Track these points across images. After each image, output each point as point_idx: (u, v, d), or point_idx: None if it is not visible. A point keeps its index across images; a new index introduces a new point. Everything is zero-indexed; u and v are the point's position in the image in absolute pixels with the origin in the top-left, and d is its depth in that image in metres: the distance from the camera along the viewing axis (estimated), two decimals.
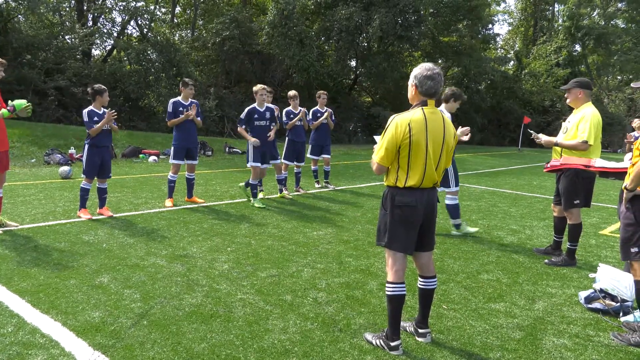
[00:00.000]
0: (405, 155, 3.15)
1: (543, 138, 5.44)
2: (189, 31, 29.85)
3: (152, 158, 13.94)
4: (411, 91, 3.26)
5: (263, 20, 24.77)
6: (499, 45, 41.54)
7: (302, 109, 9.13)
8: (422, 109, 3.19)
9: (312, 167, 10.17)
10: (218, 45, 25.16)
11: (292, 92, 9.18)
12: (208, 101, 22.72)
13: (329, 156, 9.99)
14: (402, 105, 29.77)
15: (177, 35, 30.09)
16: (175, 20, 30.65)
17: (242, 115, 7.65)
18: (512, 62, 35.62)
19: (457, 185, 6.38)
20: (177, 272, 4.60)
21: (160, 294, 4.08)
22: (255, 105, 7.72)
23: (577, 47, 37.56)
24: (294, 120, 9.02)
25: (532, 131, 5.86)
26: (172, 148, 7.50)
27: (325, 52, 28.70)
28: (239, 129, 7.67)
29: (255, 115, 7.64)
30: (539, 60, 33.58)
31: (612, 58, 36.79)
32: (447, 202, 6.42)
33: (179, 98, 7.53)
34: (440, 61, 32.40)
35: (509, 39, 42.79)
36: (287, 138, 9.25)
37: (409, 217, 3.22)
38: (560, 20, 40.59)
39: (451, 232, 6.56)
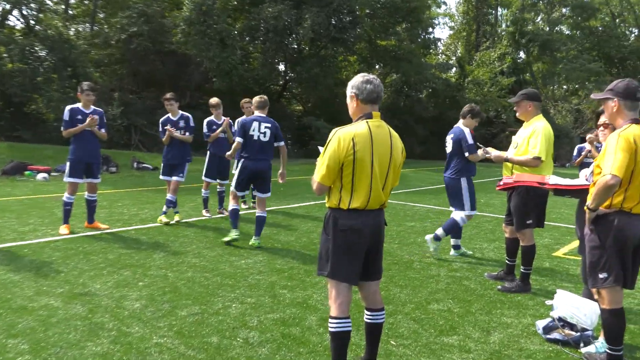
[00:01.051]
0: (349, 173, 3.21)
1: (493, 153, 5.72)
2: (87, 25, 28.84)
3: (41, 175, 13.28)
4: (352, 104, 3.35)
5: (178, 16, 24.44)
6: (440, 51, 43.45)
7: (226, 118, 9.07)
8: (367, 122, 3.27)
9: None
10: (123, 43, 24.50)
11: (214, 100, 9.13)
12: (111, 108, 22.02)
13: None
14: (337, 114, 30.31)
15: (73, 29, 28.99)
16: (71, 12, 29.55)
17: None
18: (454, 69, 37.28)
19: (473, 208, 6.72)
20: (77, 315, 4.36)
21: (55, 342, 3.84)
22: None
23: (522, 54, 40.12)
24: (216, 131, 8.93)
25: (481, 145, 6.14)
26: (68, 163, 7.30)
27: (250, 54, 28.71)
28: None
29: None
30: (482, 67, 35.39)
31: (558, 66, 39.53)
32: (454, 216, 6.73)
33: (79, 105, 7.34)
34: (377, 67, 33.38)
35: (450, 44, 44.89)
36: (208, 152, 9.16)
37: (354, 242, 3.26)
38: (503, 25, 43.28)
39: (449, 254, 7.03)
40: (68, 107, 7.28)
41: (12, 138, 20.31)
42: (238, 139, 6.97)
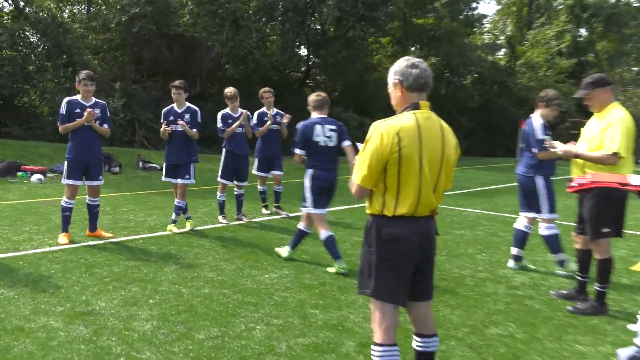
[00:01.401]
0: (394, 173, 3.16)
1: (560, 147, 5.54)
2: (83, 6, 29.24)
3: (36, 177, 13.44)
4: (395, 93, 3.32)
5: None
6: (486, 30, 43.10)
7: (244, 111, 9.05)
8: (414, 113, 3.22)
9: (259, 187, 10.13)
10: (124, 26, 24.78)
11: (230, 90, 9.11)
12: (112, 100, 22.27)
13: (280, 173, 10.01)
14: (367, 103, 30.28)
15: (68, 11, 29.43)
16: None
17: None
18: (503, 50, 36.88)
19: (552, 211, 6.61)
20: (80, 337, 4.35)
21: None
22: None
23: (583, 31, 39.31)
24: (232, 126, 8.91)
25: (545, 136, 5.97)
26: (66, 163, 7.34)
27: (267, 37, 28.77)
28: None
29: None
30: (536, 47, 35.01)
31: (627, 45, 38.71)
32: (542, 232, 6.68)
33: (77, 97, 7.37)
34: (413, 49, 33.18)
35: (498, 21, 44.46)
36: (223, 149, 9.16)
37: (401, 255, 3.22)
38: None
39: (555, 272, 6.86)
40: (65, 100, 7.32)
41: (2, 135, 20.66)
42: (299, 152, 6.60)
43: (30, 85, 21.88)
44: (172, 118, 8.15)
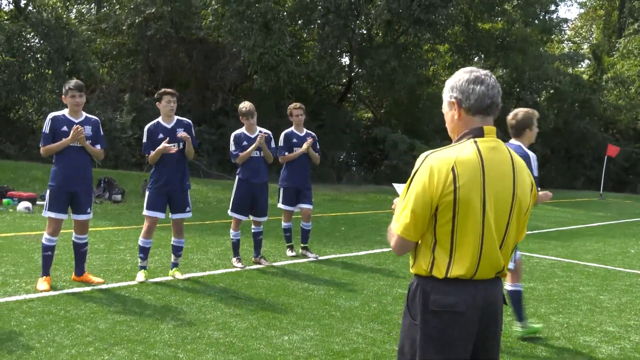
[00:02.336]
0: (447, 222, 2.90)
1: None
2: (92, 5, 29.83)
3: (23, 205, 13.48)
4: (450, 114, 3.09)
5: None
6: (566, 37, 42.56)
7: (263, 130, 8.90)
8: (475, 142, 2.96)
9: (284, 224, 9.97)
10: (138, 29, 25.13)
11: (245, 106, 8.88)
12: (120, 115, 22.49)
13: (310, 206, 9.86)
14: (420, 124, 30.04)
15: (74, 11, 30.05)
16: None
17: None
18: (586, 62, 36.28)
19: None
20: None
21: None
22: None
23: None
24: (248, 150, 8.75)
25: None
26: (48, 192, 7.26)
27: (303, 43, 28.86)
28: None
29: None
30: (628, 59, 34.35)
31: None
32: None
33: (65, 112, 7.29)
34: (476, 59, 32.86)
35: (581, 27, 43.90)
36: (237, 177, 8.99)
37: (454, 333, 2.92)
38: None
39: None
40: (50, 116, 7.24)
41: None
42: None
43: (27, 96, 22.24)
44: (161, 136, 7.73)
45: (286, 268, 9.09)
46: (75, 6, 31.30)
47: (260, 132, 8.84)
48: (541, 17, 33.28)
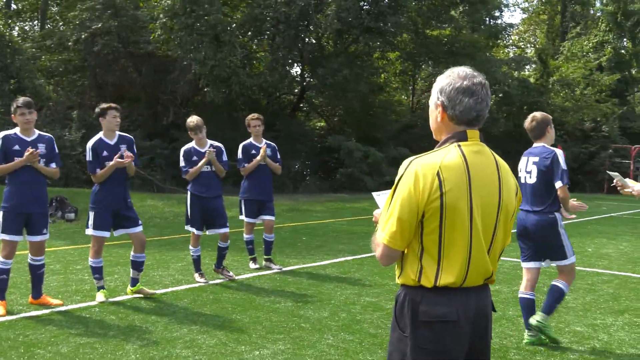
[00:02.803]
0: (434, 229, 2.79)
1: (636, 187, 5.22)
2: (36, 22, 29.29)
3: None
4: (435, 114, 2.97)
5: (156, 6, 24.62)
6: (511, 42, 43.28)
7: (214, 144, 8.78)
8: (459, 145, 2.86)
9: (245, 237, 9.85)
10: (84, 45, 24.74)
11: (193, 120, 8.65)
12: (69, 132, 22.08)
13: (272, 218, 9.81)
14: (373, 131, 30.10)
15: (17, 28, 29.44)
16: (14, 7, 30.04)
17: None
18: (532, 66, 36.95)
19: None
20: None
21: None
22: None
23: (627, 42, 39.43)
24: (198, 165, 8.56)
25: (613, 173, 5.64)
26: (1, 214, 7.01)
27: (254, 54, 28.72)
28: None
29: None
30: (572, 61, 35.09)
31: None
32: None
33: (16, 130, 7.06)
34: (424, 65, 33.19)
35: (525, 32, 44.76)
36: (188, 192, 8.75)
37: (446, 343, 2.81)
38: (598, 3, 42.75)
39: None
40: (1, 135, 6.98)
41: None
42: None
43: None
44: (106, 153, 7.50)
45: (251, 281, 8.93)
46: (18, 23, 30.76)
47: (210, 146, 8.65)
48: (487, 23, 33.84)
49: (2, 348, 5.77)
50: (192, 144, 8.73)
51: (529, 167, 6.45)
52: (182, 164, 8.66)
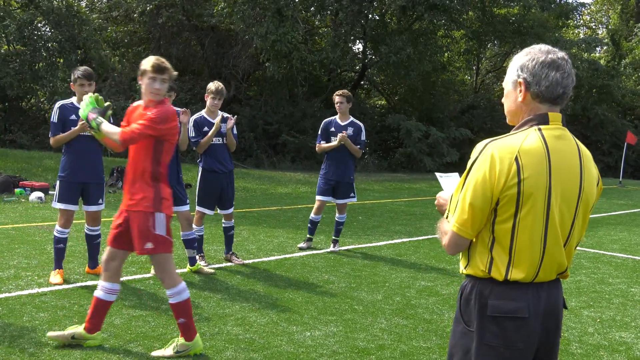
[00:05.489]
0: (509, 218, 2.63)
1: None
2: None
3: (35, 195, 13.33)
4: (515, 94, 2.76)
5: None
6: (582, 22, 41.99)
7: (224, 114, 8.13)
8: (539, 129, 2.66)
9: (312, 216, 9.58)
10: (149, 17, 24.96)
11: (218, 85, 8.09)
12: (132, 102, 22.34)
13: (345, 201, 9.56)
14: (435, 111, 29.70)
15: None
16: None
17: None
18: (604, 47, 35.88)
19: None
20: None
21: None
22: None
23: None
24: (209, 133, 7.97)
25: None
26: (58, 183, 7.04)
27: (316, 30, 28.55)
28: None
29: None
30: None
31: None
32: None
33: (73, 100, 7.06)
34: (489, 45, 32.47)
35: (597, 12, 43.33)
36: (200, 167, 8.28)
37: (515, 342, 2.65)
38: None
39: None
40: (58, 104, 6.98)
41: (6, 143, 20.89)
42: None
43: (39, 85, 22.15)
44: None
45: (304, 260, 8.85)
46: None
47: (224, 116, 8.11)
48: (557, 2, 32.94)
49: (57, 317, 5.80)
50: (202, 113, 8.14)
51: None
52: (191, 134, 7.93)
